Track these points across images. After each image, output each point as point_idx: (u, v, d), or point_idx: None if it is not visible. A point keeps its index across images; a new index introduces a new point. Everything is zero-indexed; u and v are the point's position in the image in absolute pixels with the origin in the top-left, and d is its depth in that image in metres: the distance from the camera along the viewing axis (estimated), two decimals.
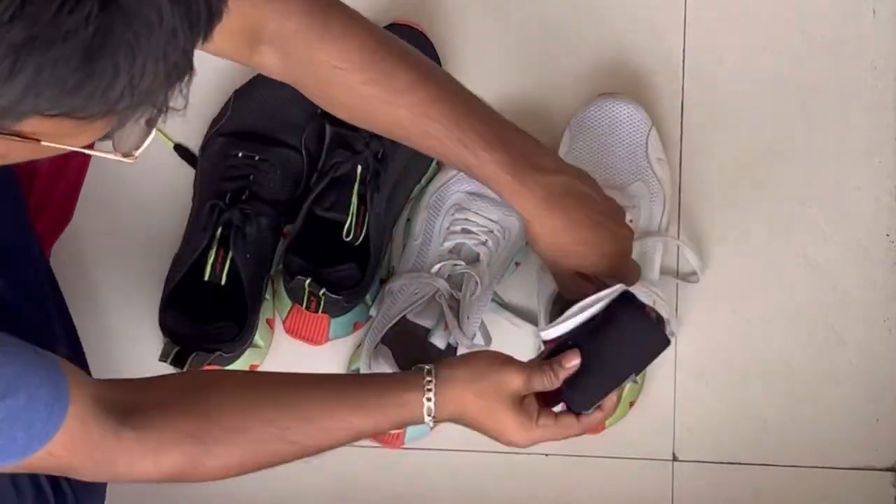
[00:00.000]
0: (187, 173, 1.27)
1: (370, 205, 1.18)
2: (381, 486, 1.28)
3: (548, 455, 1.28)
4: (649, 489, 1.28)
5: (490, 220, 1.21)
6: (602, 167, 1.22)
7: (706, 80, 1.31)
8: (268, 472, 1.27)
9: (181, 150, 1.28)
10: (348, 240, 1.18)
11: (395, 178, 1.22)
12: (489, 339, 1.22)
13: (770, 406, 1.29)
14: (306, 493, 1.28)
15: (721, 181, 1.30)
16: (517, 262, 1.26)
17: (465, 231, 1.21)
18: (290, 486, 1.28)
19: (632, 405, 1.26)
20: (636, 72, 1.30)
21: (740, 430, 1.28)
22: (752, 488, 1.28)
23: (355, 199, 1.18)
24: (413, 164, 1.24)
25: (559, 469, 1.28)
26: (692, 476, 1.28)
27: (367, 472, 1.27)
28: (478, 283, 1.18)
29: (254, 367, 1.27)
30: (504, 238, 1.21)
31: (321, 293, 1.17)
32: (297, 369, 1.26)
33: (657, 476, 1.28)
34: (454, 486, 1.28)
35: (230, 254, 1.17)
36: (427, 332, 1.21)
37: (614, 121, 1.23)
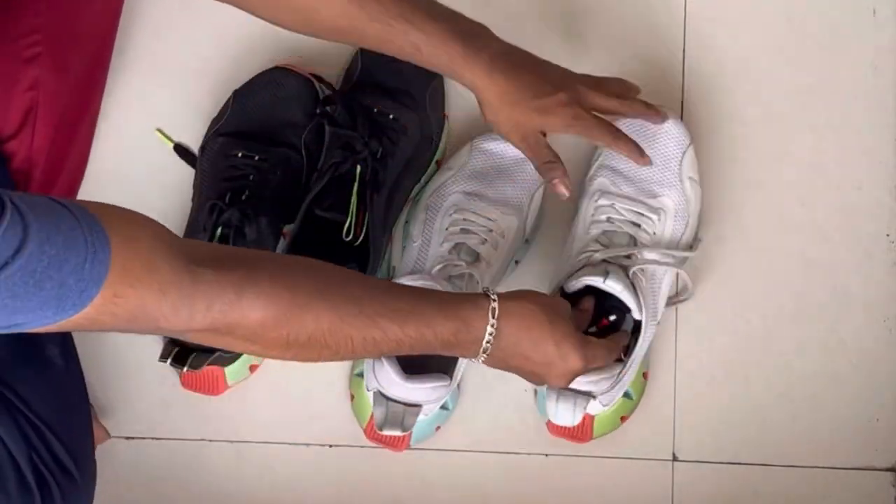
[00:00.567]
0: (187, 173, 1.26)
1: (370, 204, 1.18)
2: (380, 486, 1.28)
3: (548, 455, 1.28)
4: (649, 489, 1.28)
5: (489, 219, 1.21)
6: (634, 173, 1.22)
7: (706, 80, 1.31)
8: (267, 472, 1.28)
9: (181, 151, 1.28)
10: (348, 240, 1.18)
11: (395, 178, 1.21)
12: None
13: (770, 406, 1.28)
14: (306, 493, 1.28)
15: (721, 181, 1.30)
16: (517, 261, 1.26)
17: (465, 231, 1.20)
18: (290, 487, 1.28)
19: (623, 419, 1.26)
20: (636, 72, 1.30)
21: (740, 430, 1.28)
22: (752, 488, 1.28)
23: (355, 199, 1.17)
24: (412, 163, 1.24)
25: (559, 469, 1.28)
26: (692, 476, 1.28)
27: (367, 473, 1.27)
28: (479, 283, 1.18)
29: (254, 368, 1.27)
30: (503, 237, 1.21)
31: None
32: (299, 369, 1.27)
33: (657, 476, 1.28)
34: (454, 486, 1.28)
35: None
36: None
37: (653, 132, 1.21)
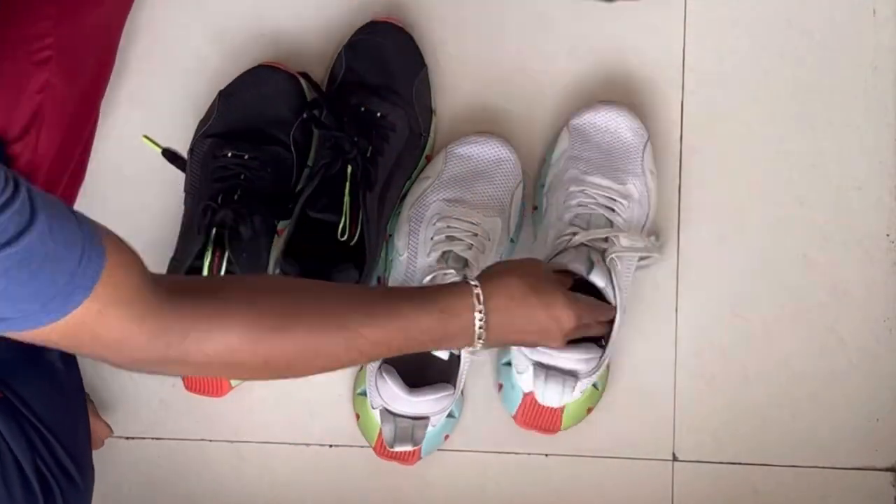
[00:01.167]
0: (178, 177, 1.26)
1: (363, 203, 1.18)
2: (380, 486, 1.28)
3: (548, 455, 1.28)
4: (649, 489, 1.28)
5: (472, 223, 1.21)
6: (602, 163, 1.23)
7: (706, 80, 1.31)
8: (267, 472, 1.28)
9: (169, 155, 1.27)
10: (343, 240, 1.18)
11: (386, 175, 1.21)
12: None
13: (770, 406, 1.28)
14: (306, 493, 1.29)
15: (721, 181, 1.30)
16: None
17: (450, 238, 1.20)
18: (290, 487, 1.28)
19: (589, 411, 1.25)
20: (636, 71, 1.30)
21: (740, 430, 1.28)
22: (752, 488, 1.28)
23: (348, 199, 1.17)
24: (403, 159, 1.24)
25: (559, 469, 1.28)
26: (692, 476, 1.28)
27: (367, 473, 1.27)
28: None
29: None
30: (489, 239, 1.21)
31: None
32: None
33: (657, 476, 1.28)
34: (454, 486, 1.28)
35: (226, 254, 1.16)
36: None
37: (616, 126, 1.24)
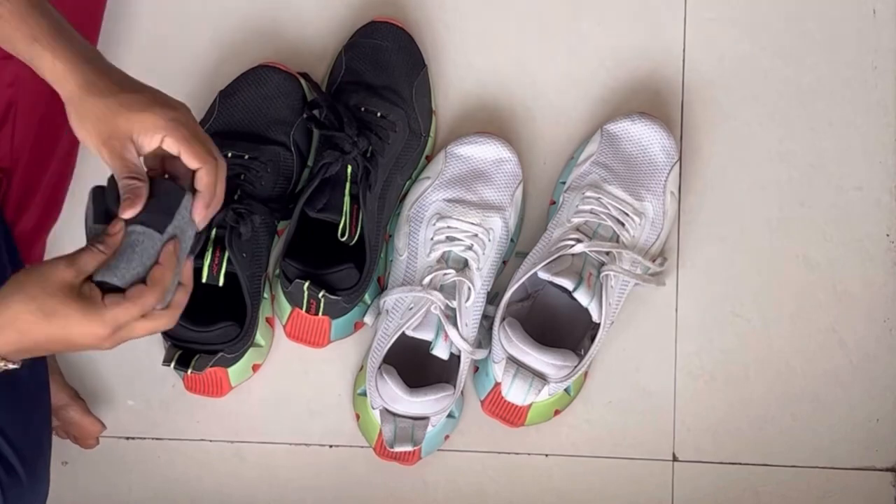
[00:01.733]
0: None
1: (363, 203, 1.17)
2: (380, 486, 1.28)
3: (548, 455, 1.28)
4: (649, 489, 1.28)
5: (472, 223, 1.21)
6: (625, 175, 1.23)
7: (706, 80, 1.31)
8: (267, 472, 1.28)
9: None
10: (343, 240, 1.18)
11: (386, 175, 1.21)
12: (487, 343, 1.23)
13: (770, 406, 1.29)
14: (306, 493, 1.29)
15: (721, 181, 1.30)
16: (504, 261, 1.25)
17: (450, 239, 1.20)
18: (290, 487, 1.29)
19: (557, 413, 1.26)
20: (636, 71, 1.30)
21: (740, 430, 1.28)
22: (752, 488, 1.28)
23: (347, 199, 1.17)
24: (402, 159, 1.24)
25: (559, 469, 1.28)
26: (692, 476, 1.28)
27: (367, 473, 1.28)
28: (471, 289, 1.18)
29: (256, 367, 1.27)
30: (489, 239, 1.21)
31: (321, 295, 1.16)
32: (298, 369, 1.28)
33: (657, 476, 1.28)
34: (454, 487, 1.28)
35: (226, 254, 1.16)
36: (428, 345, 1.19)
37: (649, 140, 1.24)
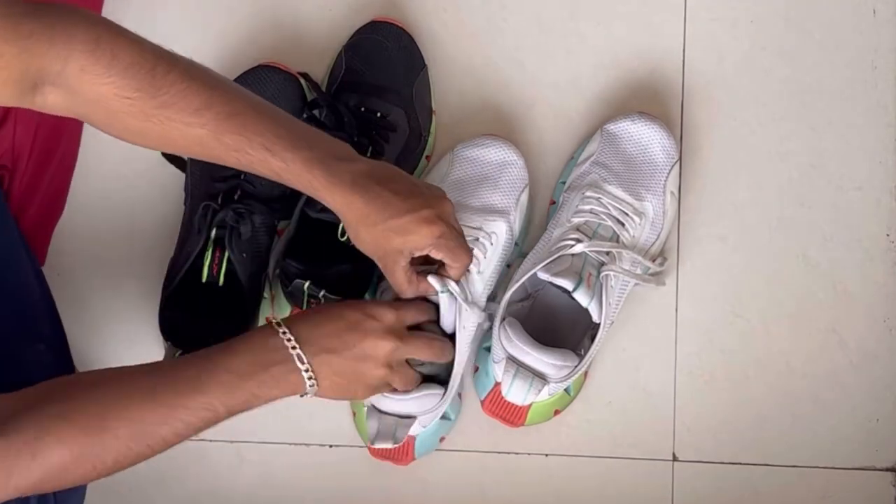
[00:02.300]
0: (178, 177, 1.26)
1: None
2: (380, 486, 1.28)
3: (548, 455, 1.28)
4: (649, 489, 1.28)
5: (472, 227, 1.20)
6: (625, 175, 1.23)
7: (706, 80, 1.31)
8: (267, 472, 1.28)
9: (169, 155, 1.27)
10: (343, 240, 1.17)
11: None
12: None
13: (770, 406, 1.28)
14: (306, 493, 1.29)
15: (721, 181, 1.30)
16: (508, 265, 1.25)
17: None
18: (290, 487, 1.28)
19: (557, 412, 1.26)
20: (636, 71, 1.30)
21: (740, 430, 1.28)
22: (752, 488, 1.28)
23: None
24: (402, 159, 1.24)
25: (559, 469, 1.28)
26: (692, 476, 1.28)
27: (367, 473, 1.27)
28: (469, 294, 1.17)
29: None
30: (492, 244, 1.20)
31: (321, 295, 1.16)
32: None
33: (657, 476, 1.28)
34: (454, 487, 1.28)
35: (226, 254, 1.16)
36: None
37: (649, 140, 1.24)
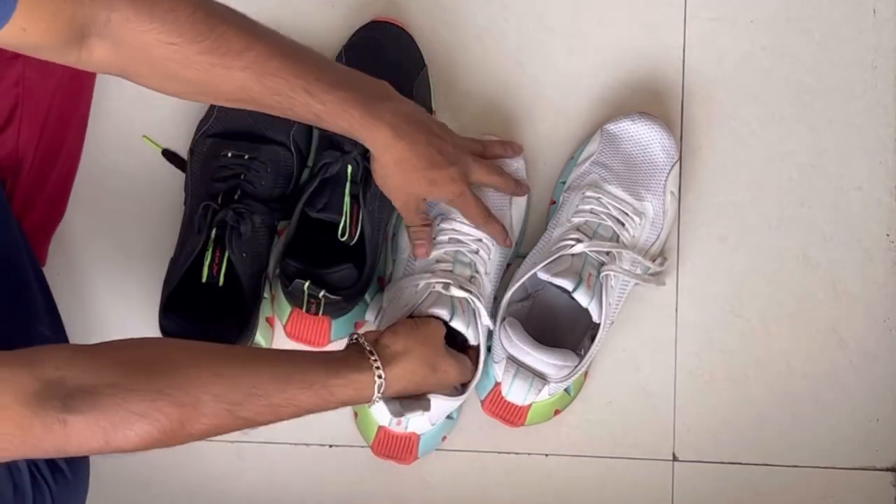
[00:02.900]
0: (178, 177, 1.26)
1: (363, 203, 1.17)
2: (380, 486, 1.28)
3: (548, 455, 1.28)
4: (649, 489, 1.28)
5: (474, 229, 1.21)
6: (625, 175, 1.23)
7: (706, 80, 1.31)
8: (267, 472, 1.28)
9: (169, 155, 1.28)
10: (343, 240, 1.17)
11: None
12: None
13: (770, 406, 1.29)
14: (306, 493, 1.29)
15: (721, 181, 1.30)
16: (509, 263, 1.25)
17: (455, 241, 1.20)
18: (290, 487, 1.28)
19: (557, 412, 1.26)
20: (636, 71, 1.30)
21: (740, 430, 1.28)
22: (752, 488, 1.28)
23: (348, 199, 1.17)
24: None
25: (559, 469, 1.28)
26: (692, 476, 1.28)
27: (367, 473, 1.27)
28: (479, 298, 1.17)
29: None
30: (493, 244, 1.21)
31: (321, 295, 1.16)
32: None
33: (657, 476, 1.28)
34: (454, 487, 1.28)
35: (226, 254, 1.16)
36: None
37: (649, 140, 1.24)
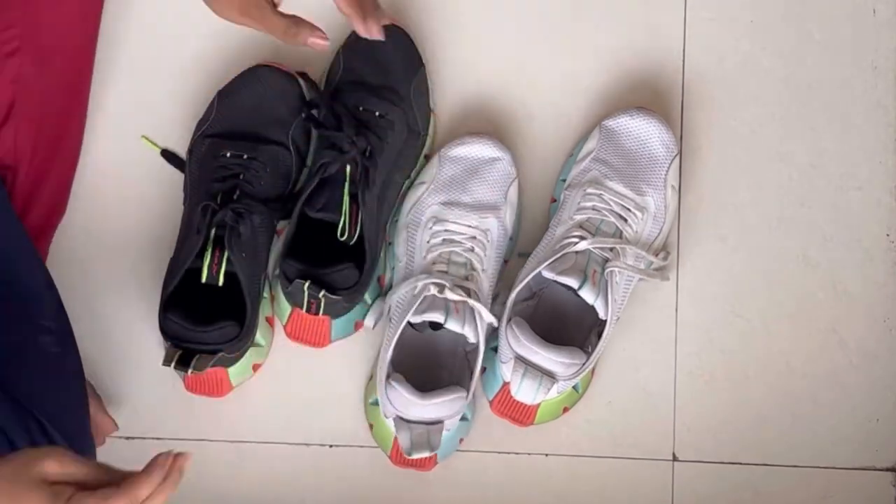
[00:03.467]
0: (178, 177, 1.26)
1: (362, 203, 1.17)
2: (380, 486, 1.28)
3: (548, 455, 1.28)
4: (649, 489, 1.28)
5: (469, 226, 1.20)
6: (625, 171, 1.23)
7: (706, 80, 1.31)
8: (267, 472, 1.28)
9: (168, 156, 1.28)
10: (343, 240, 1.17)
11: (385, 174, 1.21)
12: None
13: (770, 406, 1.29)
14: (306, 493, 1.29)
15: (721, 181, 1.30)
16: (506, 260, 1.25)
17: (448, 241, 1.20)
18: (290, 487, 1.28)
19: (566, 410, 1.26)
20: (636, 71, 1.30)
21: (740, 430, 1.28)
22: (752, 488, 1.28)
23: (347, 199, 1.17)
24: (401, 158, 1.23)
25: (559, 469, 1.28)
26: (692, 476, 1.28)
27: (367, 473, 1.28)
28: (479, 293, 1.18)
29: (256, 367, 1.27)
30: (487, 240, 1.21)
31: (321, 295, 1.16)
32: (298, 369, 1.28)
33: (657, 476, 1.28)
34: (454, 486, 1.28)
35: (226, 254, 1.16)
36: (437, 341, 1.19)
37: (648, 135, 1.24)
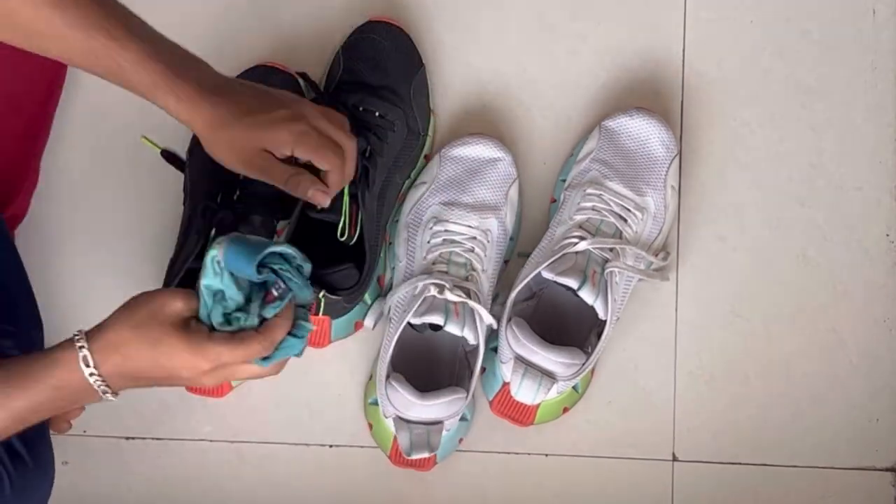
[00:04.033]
0: (178, 177, 1.26)
1: (362, 203, 1.17)
2: (380, 486, 1.28)
3: (548, 455, 1.28)
4: (649, 489, 1.28)
5: (469, 226, 1.21)
6: (625, 171, 1.23)
7: (706, 81, 1.31)
8: (267, 472, 1.28)
9: (168, 156, 1.28)
10: (343, 240, 1.17)
11: (385, 175, 1.21)
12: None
13: (770, 406, 1.29)
14: (306, 493, 1.29)
15: (721, 181, 1.30)
16: (506, 260, 1.25)
17: (449, 241, 1.20)
18: (290, 487, 1.29)
19: (566, 410, 1.26)
20: (636, 71, 1.30)
21: (740, 430, 1.28)
22: (752, 488, 1.28)
23: (347, 199, 1.17)
24: (401, 158, 1.24)
25: (559, 469, 1.28)
26: (692, 476, 1.28)
27: (367, 473, 1.28)
28: (479, 294, 1.18)
29: None
30: (488, 240, 1.21)
31: (321, 295, 1.16)
32: (298, 369, 1.27)
33: (657, 476, 1.28)
34: (454, 486, 1.28)
35: None
36: (436, 342, 1.19)
37: (647, 135, 1.24)
